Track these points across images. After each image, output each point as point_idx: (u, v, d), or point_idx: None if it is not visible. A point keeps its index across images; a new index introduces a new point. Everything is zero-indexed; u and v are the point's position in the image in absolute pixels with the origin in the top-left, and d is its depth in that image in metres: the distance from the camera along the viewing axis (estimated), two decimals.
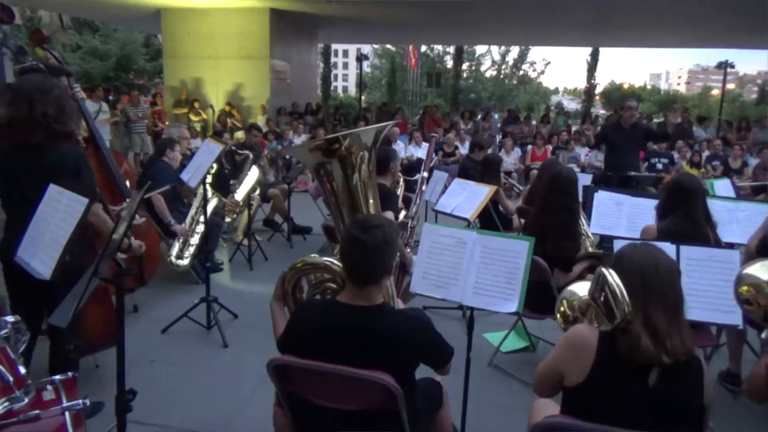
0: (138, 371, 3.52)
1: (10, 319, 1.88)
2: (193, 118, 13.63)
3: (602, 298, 1.61)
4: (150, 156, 6.10)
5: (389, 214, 4.01)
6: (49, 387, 1.90)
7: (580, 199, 4.20)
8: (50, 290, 2.22)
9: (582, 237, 3.65)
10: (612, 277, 1.59)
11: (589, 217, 4.03)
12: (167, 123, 12.69)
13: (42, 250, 2.11)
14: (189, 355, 3.79)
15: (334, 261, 2.09)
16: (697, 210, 3.22)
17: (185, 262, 4.96)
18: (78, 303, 1.64)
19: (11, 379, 1.64)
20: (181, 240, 4.96)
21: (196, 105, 13.78)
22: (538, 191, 4.13)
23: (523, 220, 5.45)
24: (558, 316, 1.91)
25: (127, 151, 11.69)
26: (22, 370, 1.72)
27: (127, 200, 3.55)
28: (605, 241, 3.03)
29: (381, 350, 1.77)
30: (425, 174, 4.61)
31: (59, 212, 2.16)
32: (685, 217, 3.20)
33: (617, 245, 2.44)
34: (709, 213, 3.29)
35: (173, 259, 4.90)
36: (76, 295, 1.67)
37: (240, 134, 12.42)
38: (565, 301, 1.91)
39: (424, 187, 4.57)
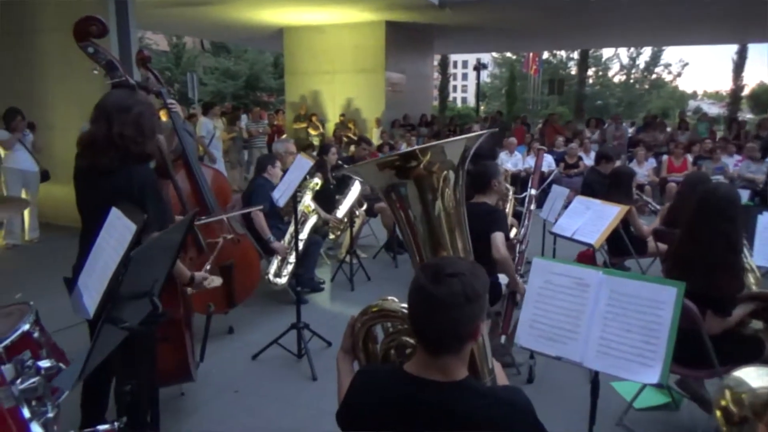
0: (221, 401, 3.35)
1: (45, 364, 1.65)
2: (312, 132, 13.96)
3: None
4: None
5: (499, 236, 3.49)
6: None
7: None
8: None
9: (745, 272, 2.88)
10: None
11: (750, 245, 3.23)
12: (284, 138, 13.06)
13: (92, 283, 1.90)
14: (275, 387, 3.52)
15: None
16: None
17: (283, 280, 4.80)
18: (84, 366, 1.35)
19: None
20: (279, 258, 4.82)
21: (314, 119, 14.06)
22: (683, 212, 3.39)
23: (660, 244, 4.64)
24: (718, 412, 1.27)
25: (249, 166, 12.12)
26: (39, 431, 1.48)
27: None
28: None
29: None
30: (533, 191, 4.01)
31: (113, 239, 1.94)
32: None
33: None
34: None
35: (271, 277, 4.77)
36: (87, 354, 1.39)
37: (353, 149, 12.40)
38: (728, 393, 1.23)
39: (532, 206, 3.98)
